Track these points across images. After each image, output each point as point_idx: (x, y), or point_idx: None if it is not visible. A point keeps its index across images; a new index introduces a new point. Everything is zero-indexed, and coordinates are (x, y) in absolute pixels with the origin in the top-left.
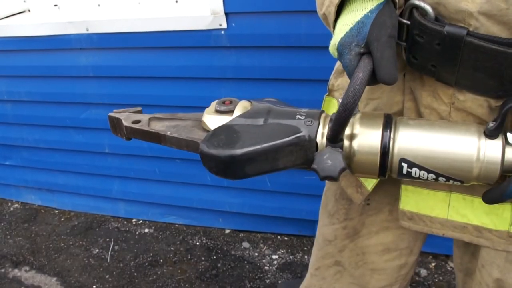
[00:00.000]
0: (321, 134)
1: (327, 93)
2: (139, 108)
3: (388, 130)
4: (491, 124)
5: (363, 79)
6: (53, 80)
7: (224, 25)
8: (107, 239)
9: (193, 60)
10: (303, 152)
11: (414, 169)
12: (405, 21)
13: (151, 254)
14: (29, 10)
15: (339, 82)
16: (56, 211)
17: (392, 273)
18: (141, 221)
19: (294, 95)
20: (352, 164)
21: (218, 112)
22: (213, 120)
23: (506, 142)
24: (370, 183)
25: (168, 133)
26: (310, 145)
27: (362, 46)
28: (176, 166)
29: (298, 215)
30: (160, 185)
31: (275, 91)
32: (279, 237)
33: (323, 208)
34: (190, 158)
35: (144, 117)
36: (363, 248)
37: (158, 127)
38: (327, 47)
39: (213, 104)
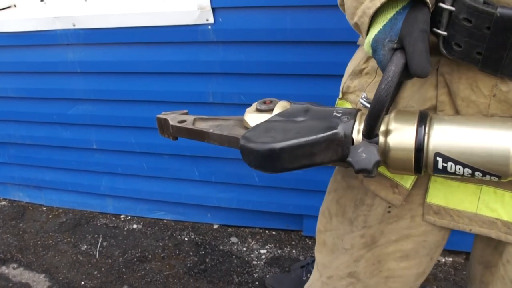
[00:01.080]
0: (357, 131)
1: (340, 96)
2: (185, 111)
3: (423, 126)
4: None
5: (395, 72)
6: (39, 76)
7: (211, 20)
8: (96, 235)
9: (180, 55)
10: (340, 148)
11: (449, 163)
12: (448, 6)
13: (139, 250)
14: (15, 6)
15: (356, 83)
16: (44, 208)
17: (408, 282)
18: (129, 217)
19: (281, 89)
20: (387, 160)
21: (258, 110)
22: (253, 118)
23: None
24: (407, 181)
25: (211, 130)
26: (346, 141)
27: (395, 41)
28: (164, 161)
29: (285, 210)
30: (148, 181)
31: (262, 85)
32: (267, 231)
33: (342, 216)
34: (178, 154)
35: (189, 118)
36: (379, 256)
37: (202, 126)
38: (312, 42)
39: (254, 104)
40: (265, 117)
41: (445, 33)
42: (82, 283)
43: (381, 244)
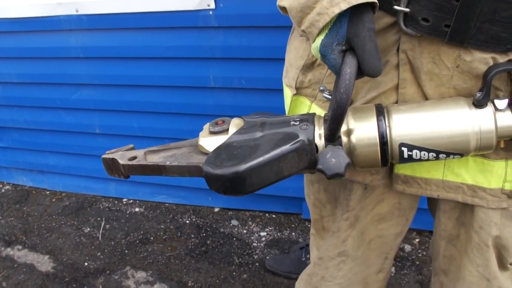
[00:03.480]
0: (319, 136)
1: (294, 92)
2: (131, 145)
3: (382, 119)
4: (478, 94)
5: (351, 73)
6: (43, 62)
7: (212, 6)
8: (98, 218)
9: (181, 40)
10: (305, 157)
11: (414, 151)
12: None
13: (141, 232)
14: None
15: (311, 77)
16: (48, 192)
17: (388, 241)
18: (131, 201)
19: (281, 74)
20: (354, 159)
21: (212, 133)
22: (210, 142)
23: (495, 109)
24: None
25: (168, 163)
26: (310, 148)
27: (343, 43)
28: None
29: (285, 193)
30: None
31: (263, 70)
32: (267, 214)
33: (334, 202)
34: (179, 138)
35: (139, 153)
36: (362, 228)
37: (155, 159)
38: None
39: (206, 127)
40: (221, 139)
41: (407, 9)
42: (86, 264)
43: (362, 217)
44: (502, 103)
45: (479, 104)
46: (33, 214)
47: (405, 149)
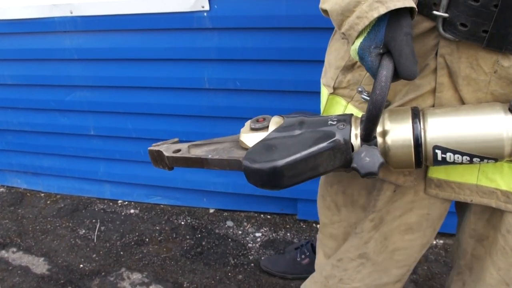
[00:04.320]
0: (355, 136)
1: (331, 91)
2: (176, 139)
3: (418, 122)
4: None
5: (387, 76)
6: (37, 63)
7: (207, 7)
8: (93, 220)
9: (176, 42)
10: (341, 155)
11: (448, 154)
12: None
13: (137, 234)
14: None
15: (350, 77)
16: (42, 194)
17: (413, 252)
18: (126, 202)
19: (276, 75)
20: (388, 159)
21: (253, 129)
22: (250, 138)
23: None
24: None
25: (210, 156)
26: (346, 147)
27: (381, 47)
28: None
29: (280, 194)
30: (145, 166)
31: (257, 71)
32: (262, 215)
33: (351, 205)
34: None
35: (183, 146)
36: (386, 233)
37: (198, 152)
38: (307, 28)
39: (247, 124)
40: (261, 135)
41: (446, 14)
42: (81, 266)
43: (388, 221)
44: None
45: None
46: (28, 216)
47: (439, 152)
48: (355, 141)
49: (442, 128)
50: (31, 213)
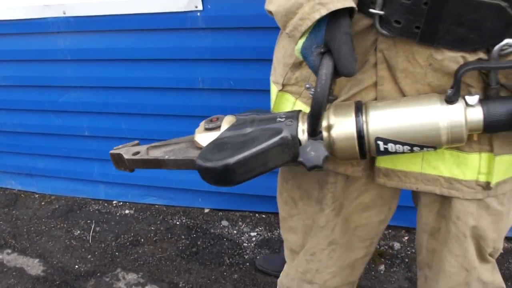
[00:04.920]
0: (302, 131)
1: (280, 88)
2: (136, 142)
3: (360, 115)
4: (449, 91)
5: (327, 74)
6: (30, 64)
7: (200, 7)
8: (88, 221)
9: (169, 42)
10: (289, 150)
11: (389, 144)
12: None
13: (132, 234)
14: None
15: (298, 75)
16: (37, 195)
17: (373, 227)
18: (121, 203)
19: (269, 74)
20: (334, 152)
21: (207, 129)
22: (204, 137)
23: (466, 105)
24: None
25: (166, 157)
26: (293, 142)
27: (322, 46)
28: None
29: (275, 193)
30: None
31: (251, 70)
32: (257, 215)
33: (307, 199)
34: (167, 139)
35: (143, 148)
36: (346, 215)
37: (156, 154)
38: None
39: (202, 124)
40: (214, 134)
41: (382, 12)
42: (76, 267)
43: (346, 205)
44: (472, 99)
45: (450, 100)
46: (22, 217)
47: (381, 143)
48: (302, 136)
49: (382, 120)
50: (25, 214)
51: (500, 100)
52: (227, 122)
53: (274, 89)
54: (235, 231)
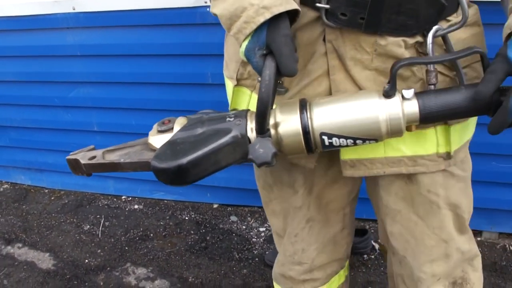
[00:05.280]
0: (251, 129)
1: (235, 83)
2: (92, 146)
3: (305, 112)
4: (386, 86)
5: (270, 75)
6: (40, 60)
7: (209, 2)
8: (98, 216)
9: (179, 37)
10: (240, 148)
11: (334, 139)
12: None
13: (141, 229)
14: None
15: (249, 69)
16: (46, 190)
17: (343, 199)
18: (130, 198)
19: None
20: (282, 148)
21: (160, 132)
22: (157, 139)
23: (403, 98)
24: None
25: (122, 160)
26: (243, 141)
27: (264, 48)
28: None
29: None
30: None
31: None
32: None
33: (280, 184)
34: None
35: (98, 152)
36: (317, 192)
37: (112, 157)
38: None
39: (155, 127)
40: (167, 136)
41: (327, 6)
42: (86, 261)
43: (316, 182)
44: (408, 93)
45: (387, 95)
46: (32, 212)
47: (325, 138)
48: (251, 134)
49: (326, 116)
50: (35, 209)
51: (434, 93)
52: (179, 123)
53: (229, 84)
54: (244, 226)
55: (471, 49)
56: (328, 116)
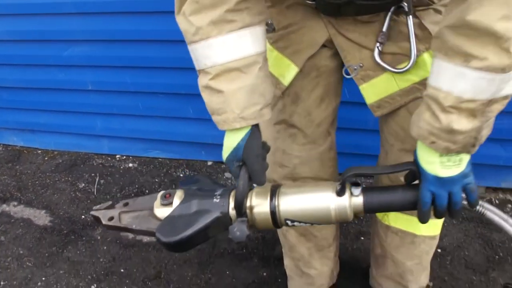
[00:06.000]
0: (232, 209)
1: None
2: (110, 203)
3: (274, 199)
4: (338, 187)
5: (244, 185)
6: (34, 18)
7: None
8: (92, 174)
9: None
10: (223, 225)
11: (295, 223)
12: None
13: (136, 186)
14: None
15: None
16: (39, 151)
17: (328, 117)
18: (124, 157)
19: None
20: (255, 224)
21: (163, 205)
22: (160, 211)
23: (351, 194)
24: (286, 80)
25: (134, 226)
26: (226, 219)
27: (240, 161)
28: (159, 100)
29: None
30: (143, 120)
31: None
32: None
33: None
34: (173, 92)
35: (115, 213)
36: (307, 108)
37: (126, 219)
38: None
39: (158, 199)
40: (168, 210)
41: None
42: (83, 217)
43: (304, 97)
44: (356, 191)
45: (338, 194)
46: (26, 172)
47: (289, 221)
48: (232, 212)
49: (290, 205)
50: (29, 169)
51: (377, 192)
52: (178, 197)
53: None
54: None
55: (407, 165)
56: (291, 205)
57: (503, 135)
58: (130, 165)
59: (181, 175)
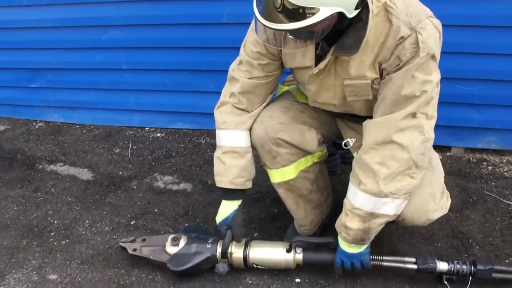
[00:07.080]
0: (218, 253)
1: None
2: (132, 238)
3: (246, 250)
4: (287, 247)
5: (228, 242)
6: (74, 7)
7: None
8: (126, 142)
9: None
10: (211, 262)
11: (259, 266)
12: None
13: (164, 150)
14: None
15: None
16: (77, 126)
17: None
18: (153, 128)
19: None
20: (233, 264)
21: (172, 245)
22: (170, 249)
23: (295, 252)
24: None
25: (151, 257)
26: (214, 259)
27: (228, 226)
28: (184, 77)
29: None
30: (169, 95)
31: None
32: None
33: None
34: (196, 69)
35: (137, 245)
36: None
37: (145, 251)
38: None
39: (169, 240)
40: (176, 249)
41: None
42: (120, 173)
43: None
44: (299, 250)
45: (287, 251)
46: (68, 141)
47: (255, 265)
48: (218, 255)
49: (256, 255)
50: (70, 140)
51: (313, 252)
52: (183, 240)
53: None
54: None
55: (330, 239)
56: (257, 255)
57: (476, 100)
58: (158, 135)
59: (203, 142)
